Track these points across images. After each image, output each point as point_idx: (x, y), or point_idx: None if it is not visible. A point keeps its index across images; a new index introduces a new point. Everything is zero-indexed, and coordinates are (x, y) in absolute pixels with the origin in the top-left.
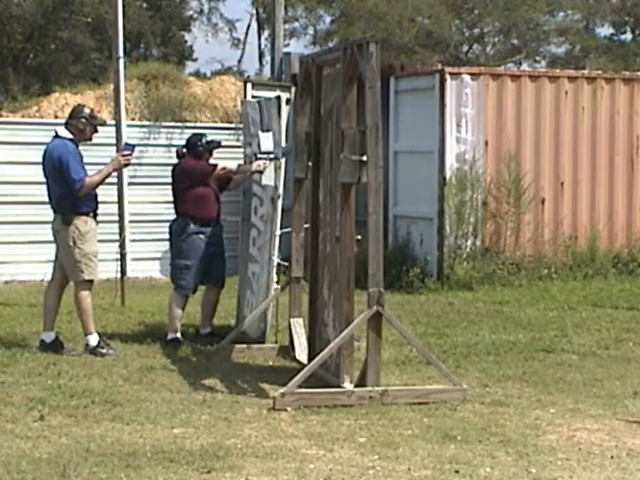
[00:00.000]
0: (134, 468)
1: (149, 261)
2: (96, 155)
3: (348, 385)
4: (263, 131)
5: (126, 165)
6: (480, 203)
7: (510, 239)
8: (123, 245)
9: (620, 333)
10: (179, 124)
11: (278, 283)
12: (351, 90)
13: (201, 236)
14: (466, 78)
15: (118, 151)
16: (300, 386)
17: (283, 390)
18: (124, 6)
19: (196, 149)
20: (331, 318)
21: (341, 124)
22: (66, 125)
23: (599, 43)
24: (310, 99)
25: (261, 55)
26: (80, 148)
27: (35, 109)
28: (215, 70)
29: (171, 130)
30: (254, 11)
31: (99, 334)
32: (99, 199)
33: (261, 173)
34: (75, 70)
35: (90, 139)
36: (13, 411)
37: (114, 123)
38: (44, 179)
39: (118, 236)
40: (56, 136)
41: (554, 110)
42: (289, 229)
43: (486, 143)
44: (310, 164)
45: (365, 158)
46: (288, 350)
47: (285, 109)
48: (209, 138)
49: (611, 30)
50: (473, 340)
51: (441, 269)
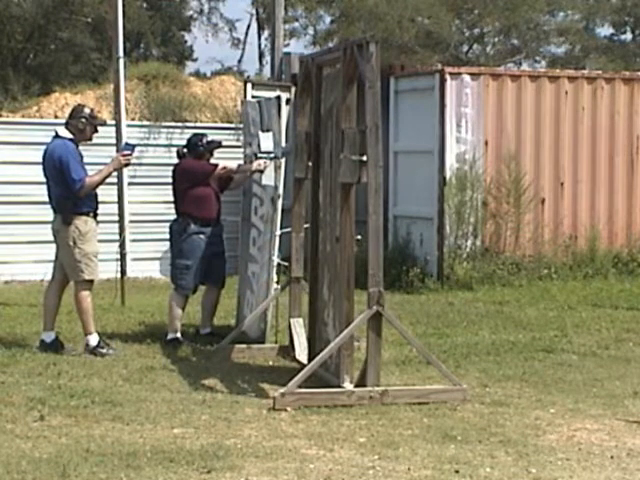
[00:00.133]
0: (134, 468)
1: (149, 261)
2: (96, 155)
3: (348, 385)
4: (263, 131)
5: (126, 165)
6: (480, 203)
7: (510, 239)
8: (123, 245)
9: (620, 333)
10: (179, 124)
11: (278, 283)
12: (351, 90)
13: (201, 236)
14: (466, 78)
15: (118, 151)
16: (300, 386)
17: (283, 390)
18: (124, 6)
19: (197, 149)
20: (331, 318)
21: (341, 124)
22: (66, 125)
23: (599, 43)
24: (310, 99)
25: (261, 55)
26: (80, 148)
27: (35, 109)
28: (215, 70)
29: (171, 130)
30: (254, 11)
31: (99, 334)
32: (99, 199)
33: (261, 172)
34: (75, 70)
35: (90, 139)
36: (13, 411)
37: (114, 123)
38: (44, 179)
39: (118, 236)
40: (56, 136)
41: (554, 110)
42: (289, 229)
43: (486, 143)
44: (310, 164)
45: (365, 158)
46: (288, 350)
47: (285, 109)
48: (209, 138)
49: (611, 30)
50: (473, 340)
51: (441, 269)
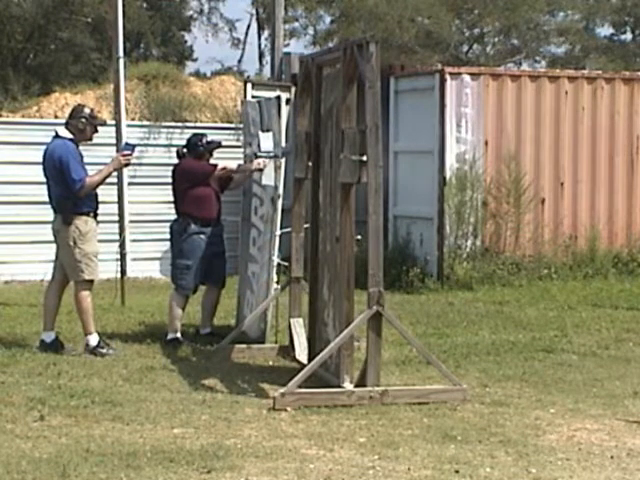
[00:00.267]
0: (134, 468)
1: (149, 261)
2: (96, 155)
3: (348, 385)
4: (263, 131)
5: (126, 165)
6: (480, 203)
7: (510, 239)
8: (123, 245)
9: (620, 333)
10: (179, 124)
11: (278, 283)
12: (351, 90)
13: (202, 236)
14: (466, 78)
15: (118, 151)
16: (300, 386)
17: (283, 390)
18: (124, 6)
19: (196, 149)
20: (331, 318)
21: (341, 124)
22: (66, 125)
23: (599, 43)
24: (310, 99)
25: (261, 55)
26: (80, 148)
27: (35, 109)
28: (215, 70)
29: (171, 130)
30: (254, 11)
31: (99, 334)
32: (99, 199)
33: (261, 171)
34: (75, 70)
35: (90, 139)
36: (13, 411)
37: (114, 123)
38: (44, 179)
39: (118, 236)
40: (56, 136)
41: (554, 110)
42: (289, 229)
43: (486, 143)
44: (310, 164)
45: (365, 158)
46: (288, 350)
47: (285, 109)
48: (209, 138)
49: (611, 30)
50: (473, 340)
51: (441, 269)
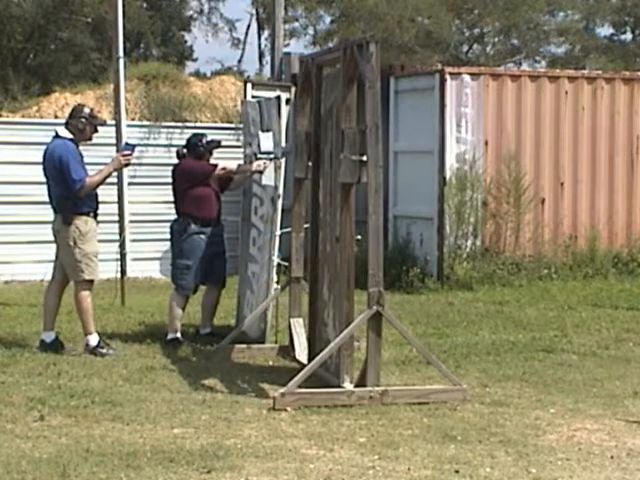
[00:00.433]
0: (134, 468)
1: (149, 261)
2: (96, 155)
3: (348, 385)
4: (263, 131)
5: (126, 165)
6: (480, 203)
7: (510, 239)
8: (123, 245)
9: (620, 333)
10: (179, 124)
11: (278, 283)
12: (351, 90)
13: (202, 236)
14: (466, 78)
15: (118, 151)
16: (300, 386)
17: (283, 390)
18: (124, 6)
19: (196, 149)
20: (331, 318)
21: (341, 124)
22: (66, 125)
23: (599, 43)
24: (310, 99)
25: (261, 55)
26: (80, 148)
27: (35, 109)
28: (215, 70)
29: (171, 130)
30: (254, 11)
31: (99, 334)
32: (99, 199)
33: (261, 173)
34: (75, 70)
35: (90, 139)
36: (13, 411)
37: (114, 123)
38: (44, 179)
39: (118, 236)
40: (56, 136)
41: (554, 110)
42: (289, 229)
43: (486, 143)
44: (310, 164)
45: (365, 158)
46: (288, 350)
47: (285, 109)
48: (209, 138)
49: (611, 30)
50: (473, 340)
51: (441, 269)
